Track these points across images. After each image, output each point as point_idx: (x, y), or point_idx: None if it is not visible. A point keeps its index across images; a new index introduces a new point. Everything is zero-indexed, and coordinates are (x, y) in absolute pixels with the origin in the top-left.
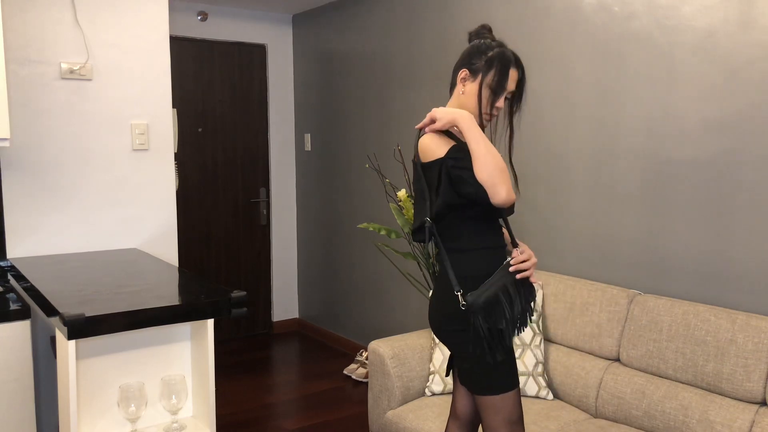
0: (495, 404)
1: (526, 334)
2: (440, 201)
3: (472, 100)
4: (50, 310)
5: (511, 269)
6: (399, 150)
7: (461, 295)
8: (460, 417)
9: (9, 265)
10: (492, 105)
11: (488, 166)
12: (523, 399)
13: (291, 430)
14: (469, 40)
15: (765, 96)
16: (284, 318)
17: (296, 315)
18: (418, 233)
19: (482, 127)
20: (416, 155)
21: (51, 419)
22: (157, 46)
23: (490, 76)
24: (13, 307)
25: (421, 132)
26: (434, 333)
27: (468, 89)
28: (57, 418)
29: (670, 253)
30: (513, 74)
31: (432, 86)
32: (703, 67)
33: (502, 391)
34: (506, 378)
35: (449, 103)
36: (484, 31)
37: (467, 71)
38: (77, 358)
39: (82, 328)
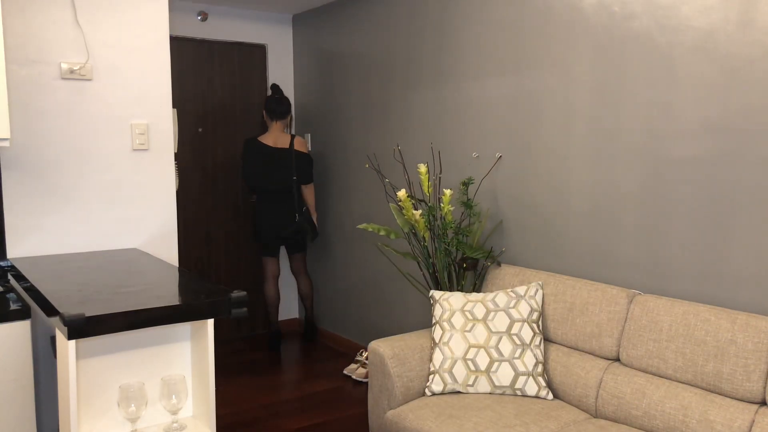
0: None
1: (526, 333)
2: (307, 177)
3: None
4: (50, 310)
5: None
6: (399, 150)
7: (305, 210)
8: (277, 276)
9: (9, 265)
10: None
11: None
12: (522, 399)
13: (291, 430)
14: (281, 96)
15: (765, 96)
16: (284, 318)
17: (296, 315)
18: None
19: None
20: (294, 146)
21: (51, 419)
22: (157, 46)
23: None
24: (13, 307)
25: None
26: (282, 233)
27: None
28: (57, 418)
29: (670, 253)
30: None
31: (432, 86)
32: (703, 67)
33: None
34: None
35: (281, 131)
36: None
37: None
38: (77, 358)
39: (82, 328)
